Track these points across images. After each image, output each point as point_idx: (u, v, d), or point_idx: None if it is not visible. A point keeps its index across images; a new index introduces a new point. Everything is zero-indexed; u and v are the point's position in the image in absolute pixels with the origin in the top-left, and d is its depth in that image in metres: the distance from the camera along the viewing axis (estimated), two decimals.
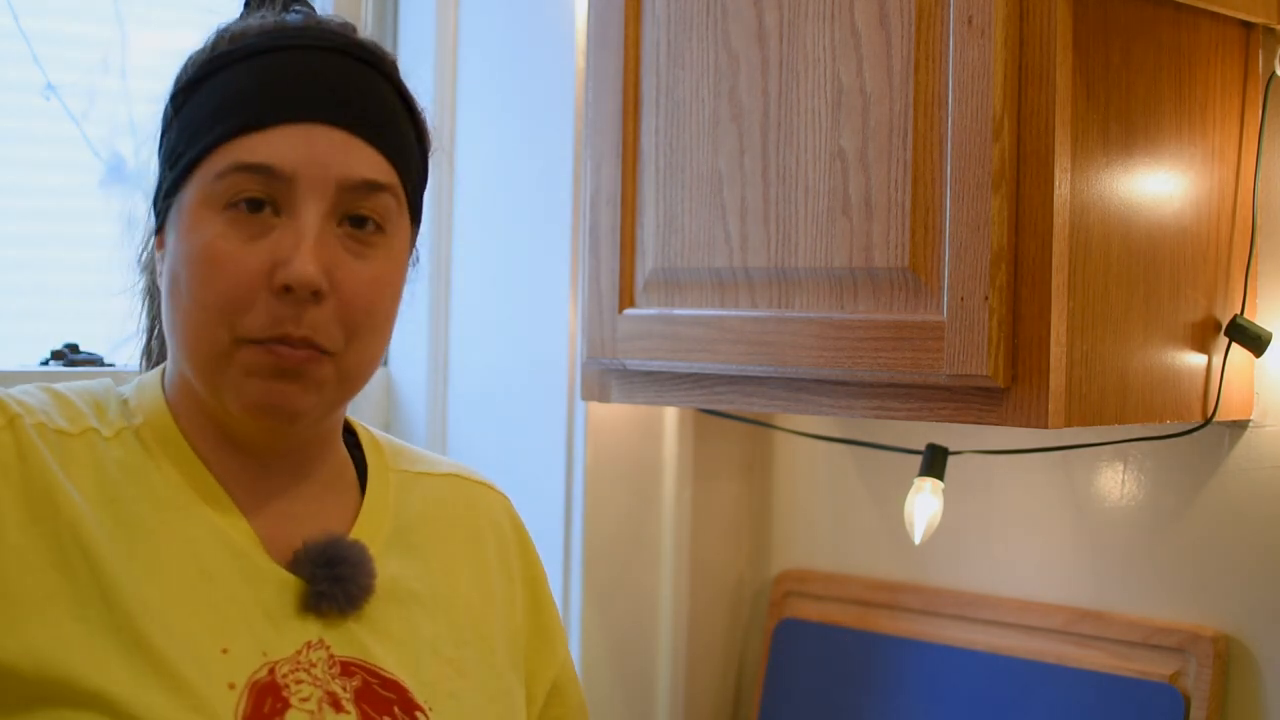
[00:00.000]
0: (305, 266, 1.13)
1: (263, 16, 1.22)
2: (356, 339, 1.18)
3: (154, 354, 1.33)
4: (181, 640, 1.12)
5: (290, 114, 1.15)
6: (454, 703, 1.22)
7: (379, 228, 1.19)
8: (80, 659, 1.09)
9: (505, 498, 1.38)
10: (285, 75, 1.17)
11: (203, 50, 1.22)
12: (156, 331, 1.32)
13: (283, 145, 1.15)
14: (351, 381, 1.20)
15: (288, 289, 1.13)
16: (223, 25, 1.24)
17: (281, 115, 1.15)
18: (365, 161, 1.17)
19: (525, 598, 1.34)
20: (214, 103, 1.17)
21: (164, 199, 1.20)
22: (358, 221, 1.18)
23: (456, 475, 1.35)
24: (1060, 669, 1.79)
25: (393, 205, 1.20)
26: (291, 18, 1.22)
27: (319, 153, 1.15)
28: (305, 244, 1.14)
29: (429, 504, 1.31)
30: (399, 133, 1.21)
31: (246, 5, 1.26)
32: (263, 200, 1.15)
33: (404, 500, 1.29)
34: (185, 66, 1.22)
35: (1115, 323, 1.52)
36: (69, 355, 1.97)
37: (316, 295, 1.14)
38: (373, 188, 1.18)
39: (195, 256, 1.16)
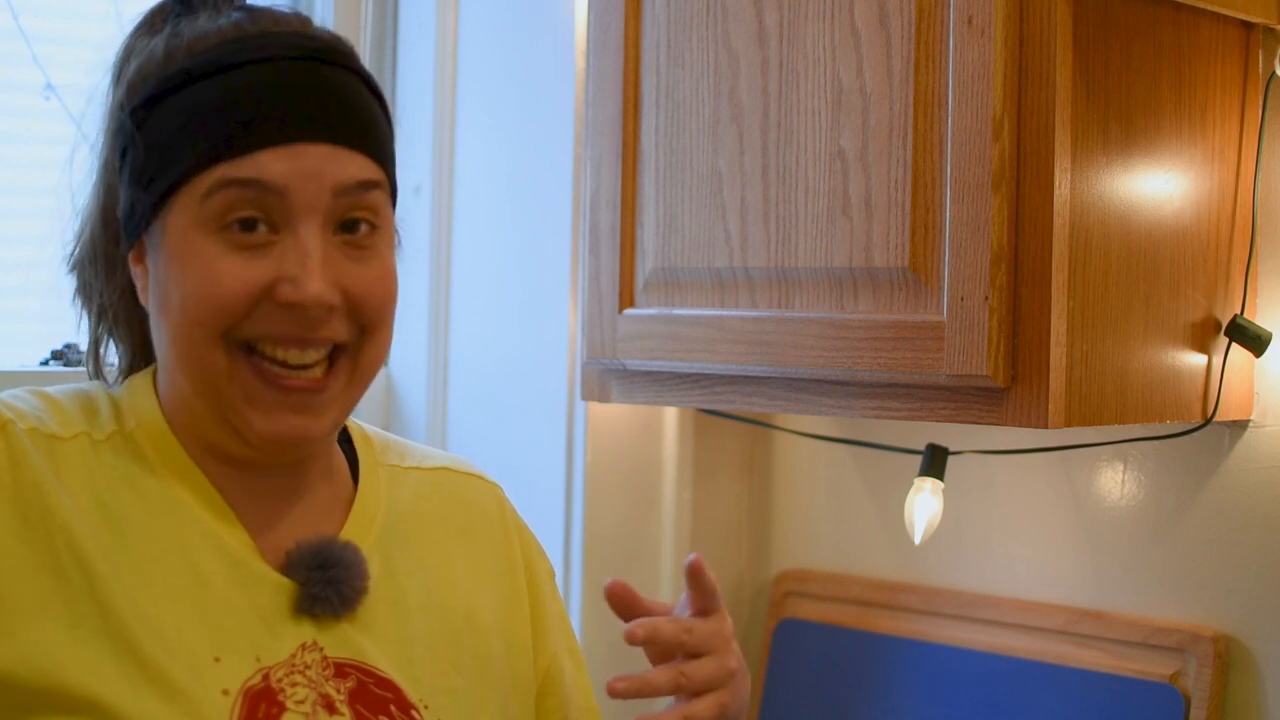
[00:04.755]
0: (315, 285, 1.13)
1: (213, 17, 1.18)
2: (372, 333, 1.18)
3: (101, 358, 1.28)
4: (175, 647, 1.11)
5: (273, 138, 1.13)
6: (450, 699, 1.22)
7: (372, 227, 1.18)
8: (75, 666, 1.09)
9: (496, 486, 1.38)
10: (260, 94, 1.14)
11: (155, 59, 1.17)
12: (102, 334, 1.27)
13: (270, 163, 1.13)
14: (363, 379, 1.20)
15: (293, 306, 1.13)
16: (154, 15, 1.20)
17: (264, 140, 1.13)
18: (354, 165, 1.16)
19: (529, 586, 1.34)
20: (184, 124, 1.14)
21: (139, 221, 1.17)
22: (350, 226, 1.17)
23: (447, 469, 1.35)
24: (1060, 669, 1.79)
25: (382, 199, 1.19)
26: (241, 17, 1.18)
27: (309, 166, 1.14)
28: (312, 262, 1.13)
29: (420, 499, 1.31)
30: (377, 128, 1.20)
31: (187, 3, 1.21)
32: (256, 219, 1.13)
33: (395, 496, 1.29)
34: (139, 75, 1.18)
35: (1115, 323, 1.52)
36: (69, 355, 1.97)
37: (330, 310, 1.14)
38: (366, 187, 1.17)
39: (191, 280, 1.14)
